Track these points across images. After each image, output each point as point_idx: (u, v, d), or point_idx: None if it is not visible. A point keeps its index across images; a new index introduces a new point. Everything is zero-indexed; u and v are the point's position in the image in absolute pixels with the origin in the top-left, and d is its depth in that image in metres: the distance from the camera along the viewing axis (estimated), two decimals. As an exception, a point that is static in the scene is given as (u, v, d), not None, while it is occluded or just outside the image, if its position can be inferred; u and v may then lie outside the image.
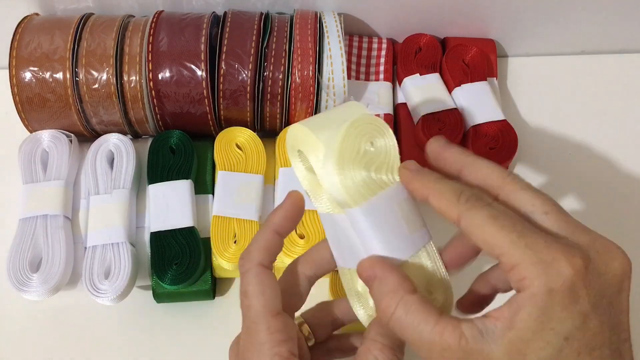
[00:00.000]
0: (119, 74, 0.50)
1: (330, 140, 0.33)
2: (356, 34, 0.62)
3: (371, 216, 0.33)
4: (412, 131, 0.55)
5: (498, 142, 0.53)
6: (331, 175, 0.33)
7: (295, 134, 0.35)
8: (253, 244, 0.36)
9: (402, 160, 0.38)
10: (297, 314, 0.39)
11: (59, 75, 0.50)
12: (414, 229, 0.34)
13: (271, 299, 0.34)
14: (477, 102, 0.55)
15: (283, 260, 0.49)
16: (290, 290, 0.37)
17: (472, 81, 0.56)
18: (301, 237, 0.49)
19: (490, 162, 0.33)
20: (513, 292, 0.30)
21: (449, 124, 0.53)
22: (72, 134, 0.53)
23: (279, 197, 0.51)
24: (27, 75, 0.50)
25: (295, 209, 0.36)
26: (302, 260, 0.38)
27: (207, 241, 0.49)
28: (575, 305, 0.28)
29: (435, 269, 0.34)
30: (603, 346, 0.29)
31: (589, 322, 0.28)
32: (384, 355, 0.33)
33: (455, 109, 0.55)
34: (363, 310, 0.36)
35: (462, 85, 0.56)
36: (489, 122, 0.54)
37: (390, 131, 0.35)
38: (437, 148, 0.35)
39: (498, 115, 0.54)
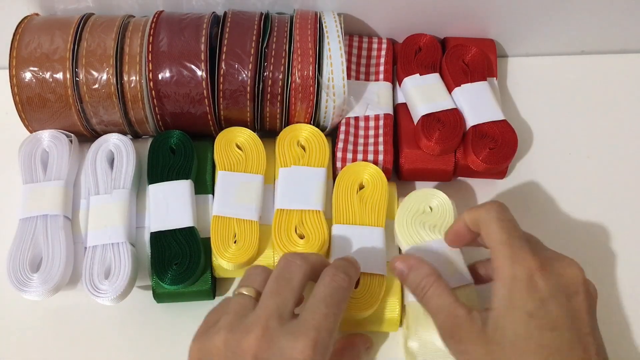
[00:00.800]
0: (119, 74, 0.50)
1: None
2: (356, 34, 0.62)
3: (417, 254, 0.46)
4: (412, 131, 0.55)
5: (498, 143, 0.53)
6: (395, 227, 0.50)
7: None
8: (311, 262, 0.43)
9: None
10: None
11: (59, 75, 0.50)
12: (454, 272, 0.46)
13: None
14: (477, 102, 0.55)
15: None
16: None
17: (472, 81, 0.56)
18: (301, 237, 0.49)
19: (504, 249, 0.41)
20: None
21: (449, 123, 0.53)
22: (72, 134, 0.53)
23: (279, 197, 0.51)
24: (27, 75, 0.50)
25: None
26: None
27: (207, 241, 0.49)
28: (535, 291, 0.38)
29: (468, 301, 0.45)
30: (563, 328, 0.37)
31: (548, 305, 0.38)
32: None
33: (455, 108, 0.55)
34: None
35: (462, 85, 0.56)
36: (489, 122, 0.54)
37: (447, 201, 0.49)
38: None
39: (498, 116, 0.54)
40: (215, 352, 0.37)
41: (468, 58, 0.58)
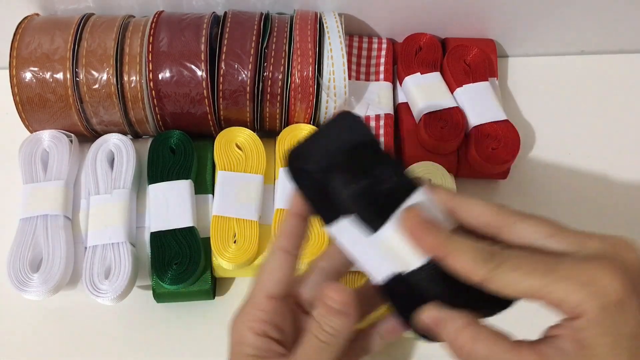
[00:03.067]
0: (119, 74, 0.50)
1: None
2: (356, 34, 0.62)
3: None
4: (414, 130, 0.55)
5: (500, 143, 0.53)
6: None
7: None
8: (278, 230, 0.37)
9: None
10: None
11: (59, 76, 0.50)
12: None
13: (274, 282, 0.35)
14: (479, 102, 0.55)
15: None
16: (307, 281, 0.38)
17: (473, 81, 0.56)
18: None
19: (479, 201, 0.34)
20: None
21: (451, 122, 0.53)
22: (72, 134, 0.53)
23: (279, 197, 0.51)
24: (28, 76, 0.50)
25: None
26: (321, 254, 0.39)
27: (207, 241, 0.49)
28: (629, 306, 0.29)
29: None
30: None
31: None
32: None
33: (457, 107, 0.55)
34: None
35: (463, 85, 0.56)
36: (491, 122, 0.54)
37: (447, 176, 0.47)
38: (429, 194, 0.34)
39: (500, 116, 0.54)
40: None
41: (469, 58, 0.58)
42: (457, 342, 0.32)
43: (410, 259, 0.32)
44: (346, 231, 0.34)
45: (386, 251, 0.33)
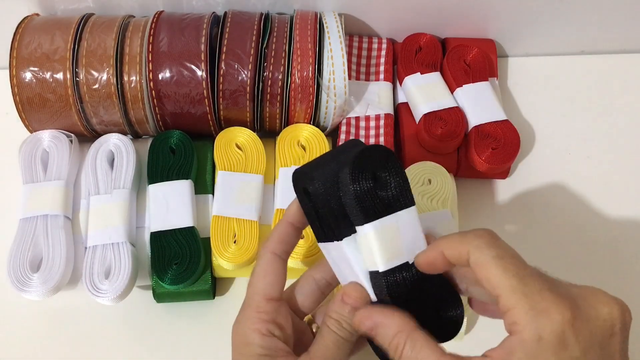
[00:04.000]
0: (119, 74, 0.50)
1: None
2: (356, 34, 0.62)
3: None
4: (414, 130, 0.55)
5: (500, 143, 0.53)
6: None
7: None
8: (271, 233, 0.38)
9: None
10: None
11: (59, 76, 0.50)
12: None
13: (270, 284, 0.37)
14: (479, 102, 0.55)
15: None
16: (299, 289, 0.40)
17: (473, 81, 0.56)
18: (300, 237, 0.49)
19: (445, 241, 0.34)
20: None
21: (451, 121, 0.53)
22: (72, 134, 0.53)
23: (279, 197, 0.51)
24: (28, 76, 0.50)
25: None
26: (314, 265, 0.41)
27: (207, 241, 0.49)
28: (564, 352, 0.29)
29: None
30: None
31: None
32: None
33: (457, 107, 0.55)
34: None
35: (463, 85, 0.56)
36: (491, 122, 0.54)
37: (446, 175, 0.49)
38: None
39: (500, 116, 0.54)
40: None
41: (469, 58, 0.58)
42: (391, 346, 0.33)
43: (378, 260, 0.34)
44: (334, 248, 0.36)
45: (362, 247, 0.35)
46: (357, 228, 0.34)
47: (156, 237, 0.49)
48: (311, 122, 0.54)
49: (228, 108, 0.52)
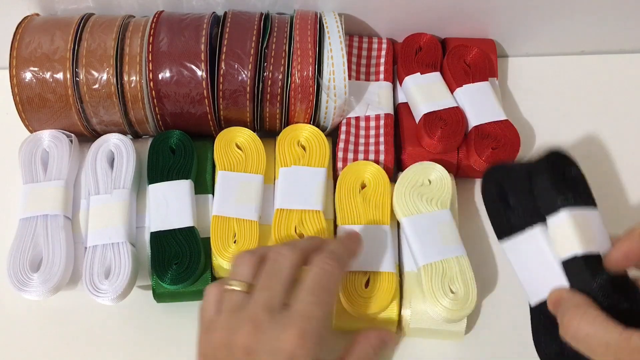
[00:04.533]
0: (119, 74, 0.50)
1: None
2: (356, 34, 0.62)
3: (413, 226, 0.48)
4: (414, 130, 0.55)
5: (500, 143, 0.53)
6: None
7: None
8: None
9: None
10: None
11: (59, 76, 0.50)
12: (448, 243, 0.47)
13: None
14: (479, 102, 0.55)
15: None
16: None
17: (473, 81, 0.56)
18: (300, 236, 0.49)
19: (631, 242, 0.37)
20: None
21: (451, 121, 0.53)
22: (72, 134, 0.53)
23: (279, 197, 0.51)
24: (28, 76, 0.50)
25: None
26: None
27: (207, 241, 0.49)
28: None
29: (461, 272, 0.46)
30: None
31: None
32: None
33: (457, 106, 0.55)
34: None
35: (463, 85, 0.56)
36: (492, 122, 0.54)
37: (446, 175, 0.50)
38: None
39: (500, 115, 0.54)
40: (216, 351, 0.38)
41: (469, 58, 0.58)
42: (564, 319, 0.35)
43: (576, 244, 0.36)
44: (525, 240, 0.39)
45: (557, 234, 0.37)
46: (551, 217, 0.37)
47: (156, 237, 0.49)
48: (311, 122, 0.54)
49: (228, 108, 0.52)
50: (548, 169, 0.37)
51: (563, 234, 0.37)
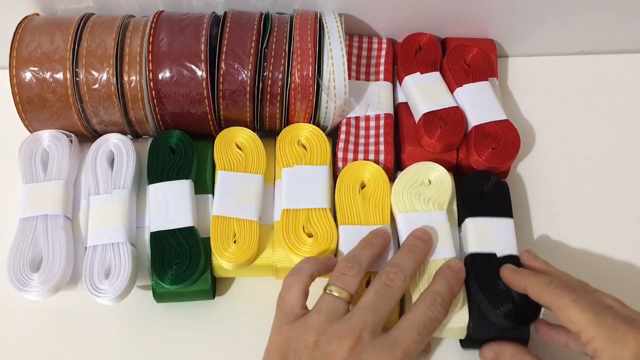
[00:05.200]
0: (119, 74, 0.50)
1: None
2: (356, 34, 0.62)
3: (407, 224, 0.49)
4: (414, 130, 0.55)
5: (500, 142, 0.53)
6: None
7: None
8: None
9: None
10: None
11: (59, 76, 0.50)
12: (439, 245, 0.48)
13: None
14: (479, 102, 0.55)
15: (291, 259, 0.49)
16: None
17: (473, 81, 0.56)
18: (310, 235, 0.49)
19: (536, 277, 0.43)
20: None
21: (451, 121, 0.53)
22: (72, 134, 0.53)
23: (285, 197, 0.51)
24: (28, 75, 0.50)
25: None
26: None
27: (207, 241, 0.49)
28: None
29: None
30: None
31: None
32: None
33: (457, 106, 0.55)
34: None
35: (463, 85, 0.56)
36: (492, 122, 0.54)
37: (447, 176, 0.51)
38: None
39: (500, 115, 0.54)
40: (304, 346, 0.39)
41: (469, 58, 0.58)
42: None
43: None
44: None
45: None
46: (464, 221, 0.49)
47: (156, 237, 0.49)
48: (311, 122, 0.54)
49: (228, 108, 0.52)
50: (467, 187, 0.51)
51: (465, 235, 0.49)
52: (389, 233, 0.48)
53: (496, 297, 0.45)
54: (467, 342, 0.48)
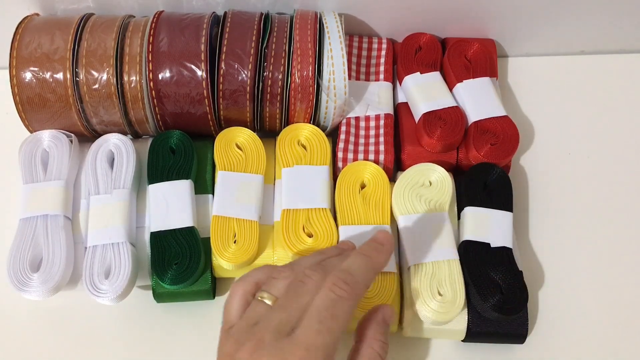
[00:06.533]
0: (119, 74, 0.50)
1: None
2: (356, 34, 0.62)
3: (409, 225, 0.49)
4: (414, 130, 0.55)
5: (499, 138, 0.53)
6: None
7: None
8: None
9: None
10: None
11: (59, 76, 0.50)
12: (440, 246, 0.48)
13: None
14: (479, 98, 0.55)
15: (291, 259, 0.49)
16: None
17: (474, 77, 0.56)
18: (310, 235, 0.49)
19: None
20: None
21: (450, 121, 0.53)
22: (72, 134, 0.53)
23: (285, 197, 0.51)
24: (28, 76, 0.50)
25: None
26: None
27: (207, 241, 0.49)
28: None
29: (450, 275, 0.47)
30: None
31: None
32: (384, 352, 0.40)
33: (457, 106, 0.55)
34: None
35: (464, 81, 0.56)
36: (491, 118, 0.54)
37: (447, 178, 0.51)
38: None
39: (500, 111, 0.54)
40: (226, 355, 0.37)
41: (470, 54, 0.58)
42: None
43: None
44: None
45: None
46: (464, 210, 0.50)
47: (156, 237, 0.49)
48: (311, 122, 0.54)
49: (228, 108, 0.52)
50: (472, 177, 0.51)
51: (463, 222, 0.50)
52: (391, 243, 0.43)
53: (485, 288, 0.46)
54: (467, 337, 0.48)
